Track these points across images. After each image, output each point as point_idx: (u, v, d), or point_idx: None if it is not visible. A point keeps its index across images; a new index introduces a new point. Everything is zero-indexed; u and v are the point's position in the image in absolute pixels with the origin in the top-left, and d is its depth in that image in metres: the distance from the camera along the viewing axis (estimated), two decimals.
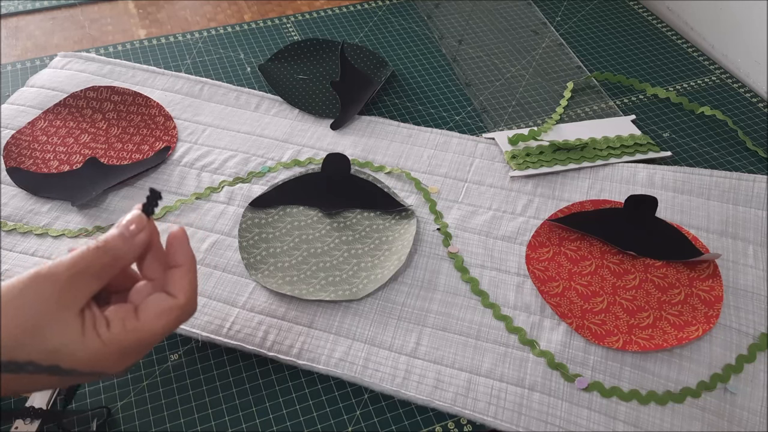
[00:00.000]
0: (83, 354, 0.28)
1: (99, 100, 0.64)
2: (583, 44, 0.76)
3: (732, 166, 0.61)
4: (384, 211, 0.55)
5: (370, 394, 0.45)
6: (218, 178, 0.57)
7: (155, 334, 0.31)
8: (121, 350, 0.30)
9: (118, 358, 0.30)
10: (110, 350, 0.29)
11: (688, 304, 0.48)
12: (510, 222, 0.54)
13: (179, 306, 0.32)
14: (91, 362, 0.29)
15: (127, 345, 0.30)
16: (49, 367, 0.28)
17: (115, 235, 0.31)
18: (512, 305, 0.49)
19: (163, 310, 0.31)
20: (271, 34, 0.77)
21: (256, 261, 0.51)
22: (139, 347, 0.31)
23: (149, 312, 0.31)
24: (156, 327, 0.31)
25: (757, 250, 0.52)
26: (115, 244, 0.30)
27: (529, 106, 0.67)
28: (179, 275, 0.33)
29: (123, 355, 0.30)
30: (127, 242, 0.31)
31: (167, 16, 0.81)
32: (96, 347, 0.29)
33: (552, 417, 0.42)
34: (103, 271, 0.30)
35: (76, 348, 0.28)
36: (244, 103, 0.65)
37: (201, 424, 0.43)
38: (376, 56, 0.72)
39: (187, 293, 0.32)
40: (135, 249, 0.31)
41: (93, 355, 0.29)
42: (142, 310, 0.31)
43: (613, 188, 0.57)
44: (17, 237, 0.52)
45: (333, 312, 0.48)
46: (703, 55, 0.75)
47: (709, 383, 0.44)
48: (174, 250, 0.33)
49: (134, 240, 0.31)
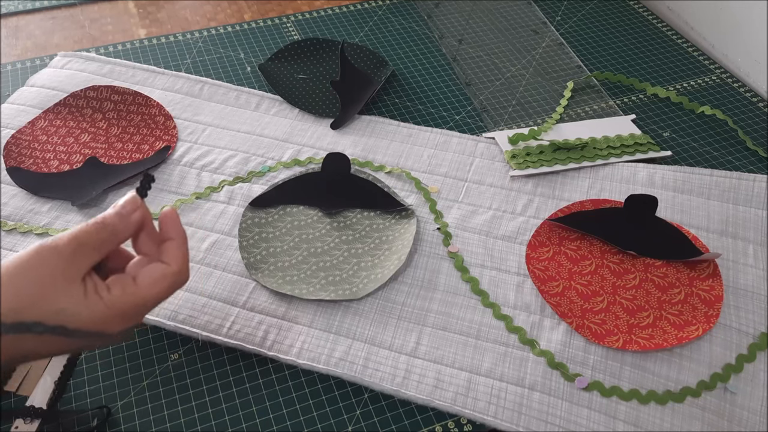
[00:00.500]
0: (87, 314, 0.31)
1: (99, 99, 0.64)
2: (583, 44, 0.76)
3: (732, 166, 0.61)
4: (384, 211, 0.55)
5: (370, 394, 0.45)
6: (218, 178, 0.57)
7: (152, 298, 0.34)
8: (122, 312, 0.33)
9: (120, 319, 0.33)
10: (112, 312, 0.32)
11: (688, 303, 0.48)
12: (510, 221, 0.54)
13: (173, 273, 0.35)
14: (95, 322, 0.31)
15: (126, 307, 0.33)
16: (55, 327, 0.30)
17: (112, 213, 0.34)
18: (512, 305, 0.49)
19: (159, 276, 0.34)
20: (271, 33, 0.77)
21: (256, 260, 0.51)
22: (137, 309, 0.33)
23: (146, 278, 0.34)
24: (152, 291, 0.34)
25: (757, 249, 0.52)
26: (113, 220, 0.34)
27: (529, 105, 0.67)
28: (172, 247, 0.36)
29: (123, 317, 0.33)
30: (123, 219, 0.34)
31: (167, 15, 0.81)
32: (98, 308, 0.32)
33: (552, 416, 0.42)
34: (102, 245, 0.33)
35: (80, 309, 0.31)
36: (244, 102, 0.65)
37: (201, 424, 0.43)
38: (376, 56, 0.72)
39: (179, 262, 0.35)
40: (130, 226, 0.34)
41: (96, 315, 0.31)
42: (140, 277, 0.34)
43: (613, 188, 0.57)
44: (17, 237, 0.52)
45: (333, 311, 0.48)
46: (703, 55, 0.75)
47: (709, 383, 0.44)
48: (166, 226, 0.36)
49: (129, 218, 0.34)
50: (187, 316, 0.47)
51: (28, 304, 0.30)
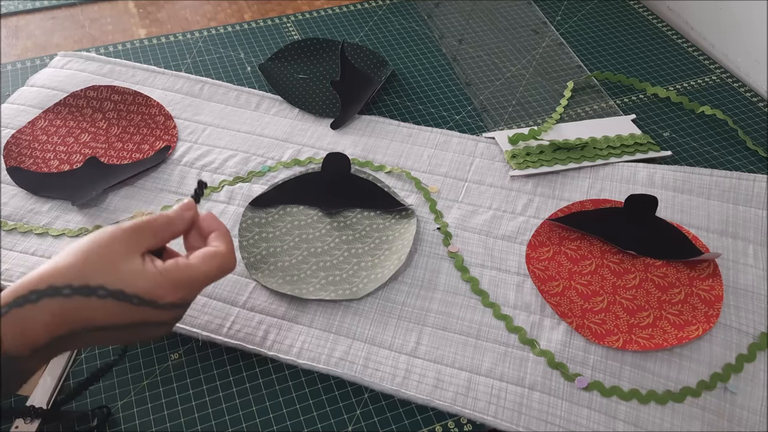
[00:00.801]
0: (143, 282, 0.35)
1: (99, 99, 0.64)
2: (584, 44, 0.76)
3: (732, 166, 0.61)
4: (384, 211, 0.55)
5: (370, 394, 0.45)
6: (218, 178, 0.57)
7: (203, 273, 0.38)
8: (174, 281, 0.37)
9: (172, 289, 0.37)
10: (164, 278, 0.36)
11: (688, 303, 0.48)
12: (510, 221, 0.54)
13: (222, 253, 0.39)
14: (150, 289, 0.36)
15: (179, 278, 0.37)
16: (115, 291, 0.34)
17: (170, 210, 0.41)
18: (512, 304, 0.49)
19: (209, 255, 0.39)
20: (271, 33, 0.77)
21: (256, 260, 0.51)
22: (189, 282, 0.38)
23: (198, 255, 0.39)
24: (203, 267, 0.38)
25: (757, 249, 0.52)
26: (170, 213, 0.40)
27: (530, 105, 0.67)
28: (218, 235, 0.41)
29: (175, 287, 0.37)
30: (178, 215, 0.40)
31: (167, 15, 0.81)
32: (153, 275, 0.36)
33: (552, 416, 0.42)
34: (159, 231, 0.38)
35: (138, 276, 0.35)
36: (244, 102, 0.65)
37: (201, 424, 0.43)
38: (376, 56, 0.72)
39: (227, 246, 0.40)
40: (184, 221, 0.40)
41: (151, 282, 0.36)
42: (192, 255, 0.39)
43: (614, 188, 0.57)
44: (17, 236, 0.52)
45: (333, 311, 0.48)
46: (703, 55, 0.75)
47: (709, 383, 0.44)
48: (209, 222, 0.42)
49: (184, 214, 0.40)
50: (187, 316, 0.47)
51: (94, 270, 0.34)
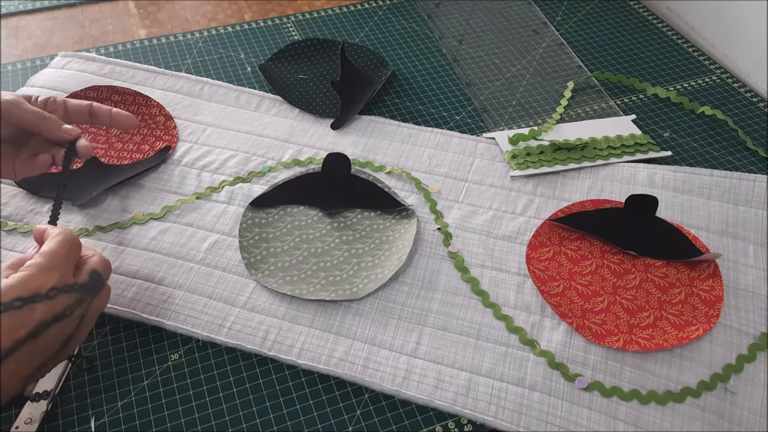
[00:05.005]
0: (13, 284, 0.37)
1: (99, 99, 0.64)
2: (584, 44, 0.76)
3: (732, 166, 0.61)
4: (384, 211, 0.55)
5: (370, 394, 0.45)
6: (219, 178, 0.57)
7: (56, 243, 0.40)
8: (39, 268, 0.39)
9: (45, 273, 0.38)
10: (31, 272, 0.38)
11: (688, 303, 0.48)
12: (510, 222, 0.54)
13: (60, 231, 0.41)
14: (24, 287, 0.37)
15: (41, 264, 0.39)
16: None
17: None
18: (512, 305, 0.49)
19: (52, 235, 0.41)
20: (271, 33, 0.77)
21: (256, 261, 0.51)
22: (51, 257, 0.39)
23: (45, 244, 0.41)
24: (52, 243, 0.40)
25: (758, 249, 0.52)
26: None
27: (530, 105, 0.67)
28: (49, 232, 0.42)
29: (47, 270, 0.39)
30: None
31: (167, 15, 0.81)
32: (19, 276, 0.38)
33: (552, 417, 0.42)
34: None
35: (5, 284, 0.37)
36: (245, 102, 0.65)
37: (201, 424, 0.43)
38: (377, 56, 0.72)
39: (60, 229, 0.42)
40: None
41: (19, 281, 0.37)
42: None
43: (614, 188, 0.57)
44: (17, 237, 0.52)
45: (333, 312, 0.48)
46: (703, 55, 0.75)
47: (710, 383, 0.44)
48: (40, 235, 0.43)
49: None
50: (187, 316, 0.47)
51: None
